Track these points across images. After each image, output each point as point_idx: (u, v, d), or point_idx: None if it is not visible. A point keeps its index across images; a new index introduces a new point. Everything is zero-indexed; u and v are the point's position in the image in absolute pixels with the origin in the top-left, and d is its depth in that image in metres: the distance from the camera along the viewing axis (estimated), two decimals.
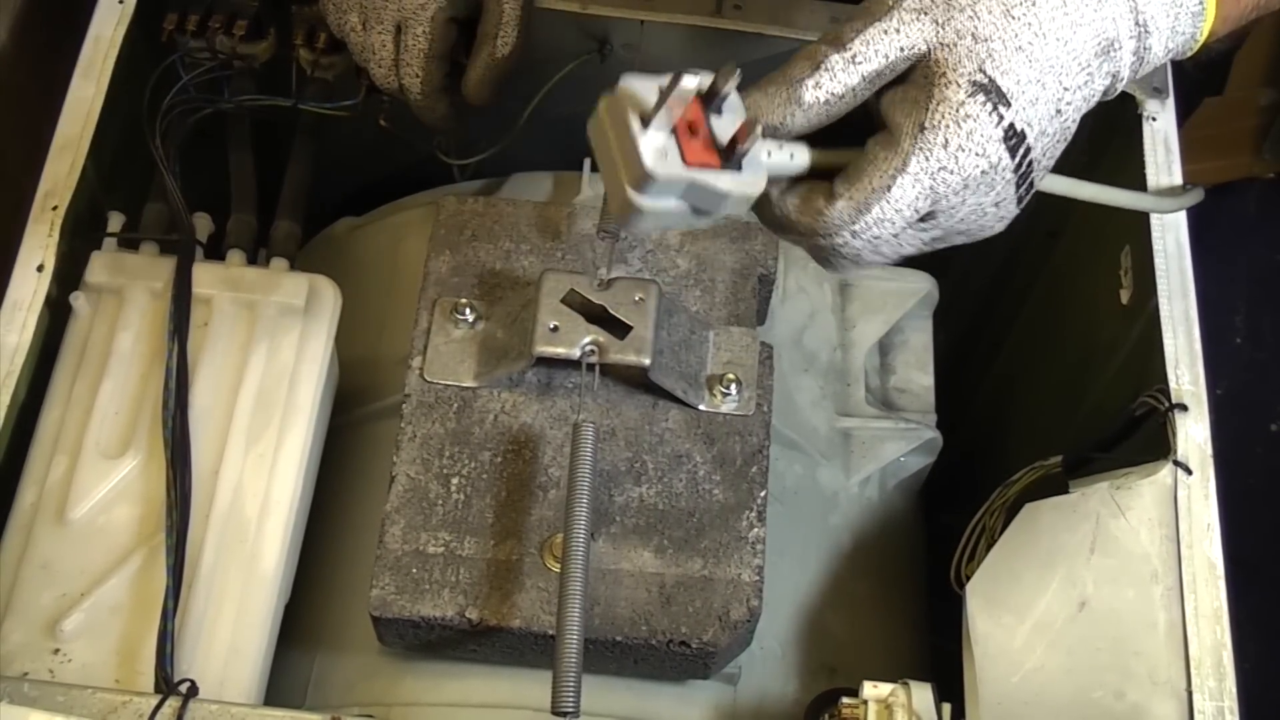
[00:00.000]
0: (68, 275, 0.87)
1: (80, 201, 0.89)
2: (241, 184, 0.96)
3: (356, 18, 0.88)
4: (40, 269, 0.86)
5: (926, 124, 0.61)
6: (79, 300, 0.87)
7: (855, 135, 0.65)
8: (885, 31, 0.61)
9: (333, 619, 0.91)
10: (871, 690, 0.77)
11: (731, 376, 0.86)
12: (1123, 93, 0.95)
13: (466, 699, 0.86)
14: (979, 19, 0.61)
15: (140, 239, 0.90)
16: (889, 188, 0.61)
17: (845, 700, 0.78)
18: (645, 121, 0.61)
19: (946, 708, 0.76)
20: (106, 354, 0.86)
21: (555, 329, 0.84)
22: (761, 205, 0.64)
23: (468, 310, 0.88)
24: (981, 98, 0.61)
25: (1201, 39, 0.67)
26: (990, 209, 0.64)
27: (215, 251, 0.92)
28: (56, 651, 0.78)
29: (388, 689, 0.87)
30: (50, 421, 0.85)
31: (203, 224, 0.92)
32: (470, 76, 0.90)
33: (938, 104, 0.61)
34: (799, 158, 0.64)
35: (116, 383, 0.85)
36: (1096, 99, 0.66)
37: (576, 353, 0.83)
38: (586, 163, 1.02)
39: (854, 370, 1.03)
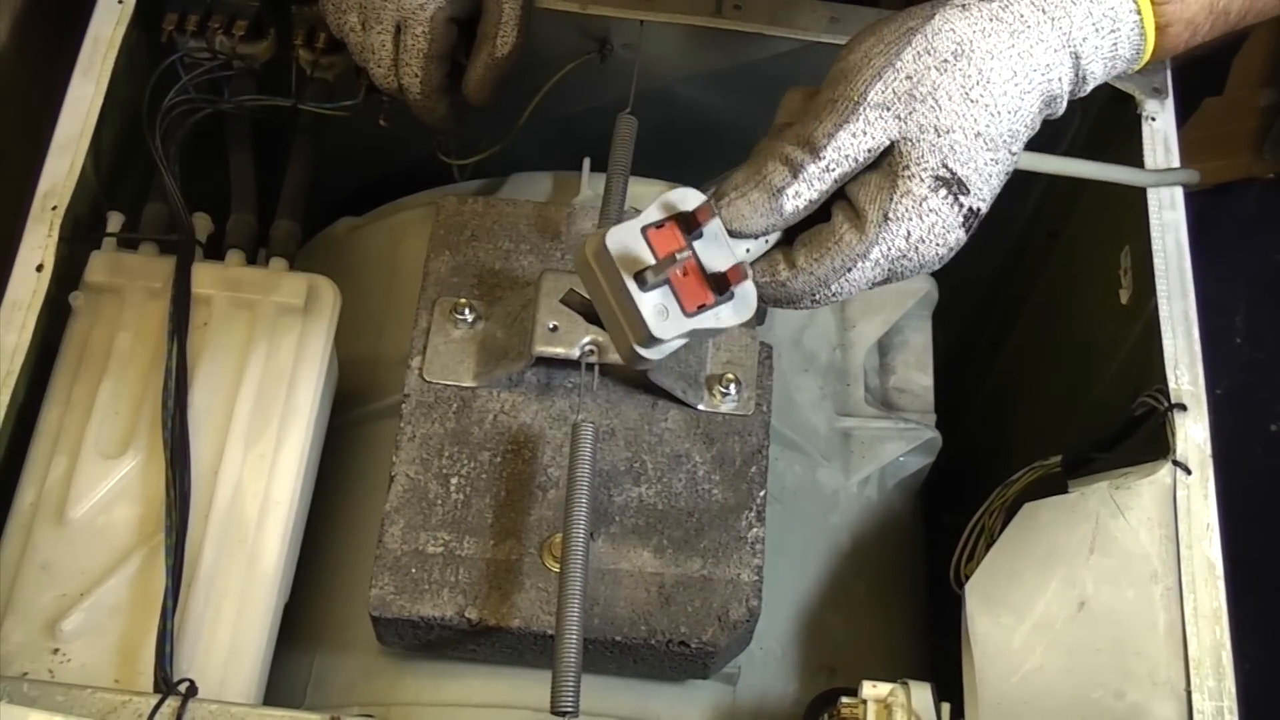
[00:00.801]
0: (67, 275, 0.87)
1: (80, 201, 0.89)
2: (241, 184, 0.96)
3: (356, 18, 0.88)
4: (39, 269, 0.86)
5: (890, 215, 0.63)
6: (78, 300, 0.87)
7: None
8: (854, 135, 0.62)
9: (333, 619, 0.91)
10: (871, 690, 0.77)
11: (731, 376, 0.86)
12: (1122, 92, 0.95)
13: (466, 699, 0.86)
14: (940, 109, 0.63)
15: (140, 239, 0.90)
16: (849, 269, 0.64)
17: (844, 700, 0.78)
18: (641, 281, 0.62)
19: (946, 708, 0.76)
20: (106, 354, 0.86)
21: (555, 329, 0.84)
22: None
23: (467, 310, 0.88)
24: (944, 192, 0.63)
25: (1130, 72, 0.69)
26: (936, 265, 0.67)
27: (215, 251, 0.92)
28: (56, 651, 0.78)
29: (388, 689, 0.87)
30: (50, 421, 0.85)
31: (202, 224, 0.92)
32: (470, 77, 0.90)
33: (902, 196, 0.63)
34: (773, 239, 0.66)
35: (116, 383, 0.85)
36: None
37: (576, 352, 0.83)
38: (586, 162, 1.02)
39: (854, 370, 1.03)
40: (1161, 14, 0.66)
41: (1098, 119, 0.99)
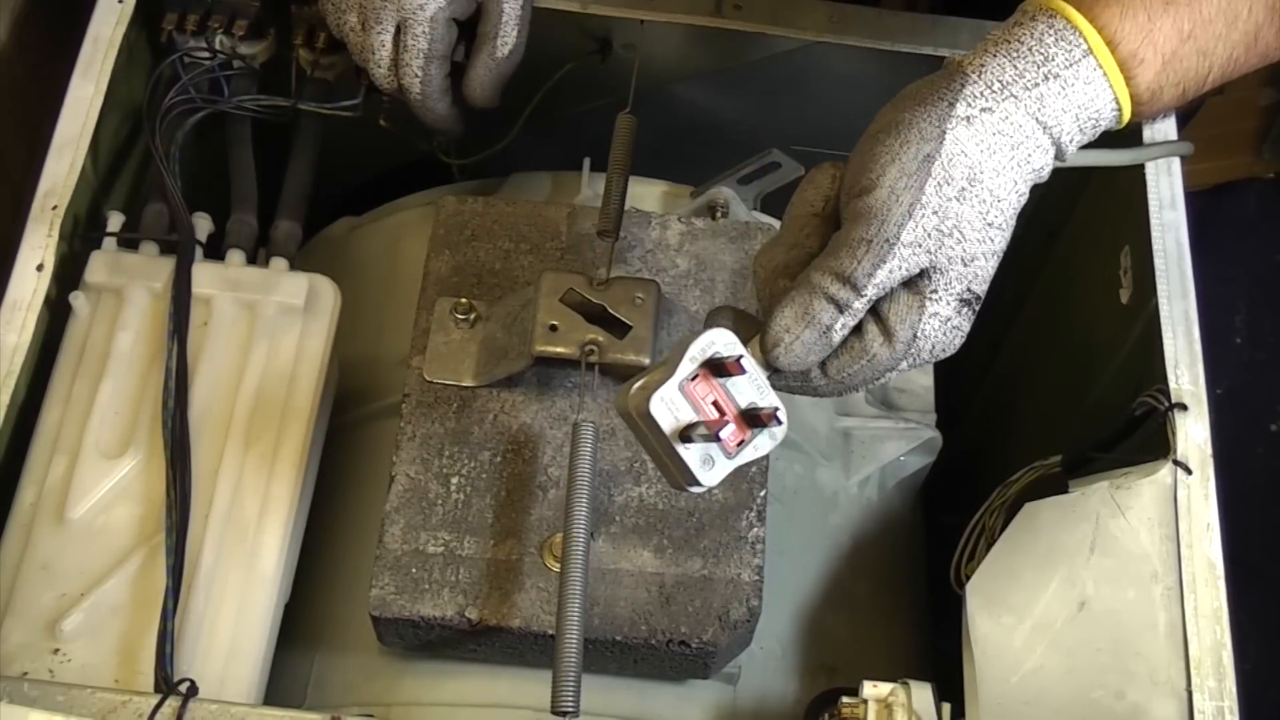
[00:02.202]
0: (67, 275, 0.87)
1: (80, 201, 0.89)
2: (241, 184, 0.96)
3: (356, 18, 0.88)
4: (40, 269, 0.86)
5: (920, 334, 0.67)
6: (78, 300, 0.87)
7: None
8: (891, 272, 0.66)
9: (333, 619, 0.91)
10: (871, 690, 0.77)
11: None
12: None
13: (466, 699, 0.86)
14: (965, 239, 0.66)
15: (140, 239, 0.90)
16: (877, 378, 0.69)
17: (845, 700, 0.78)
18: (685, 439, 0.66)
19: (946, 707, 0.76)
20: (106, 354, 0.86)
21: (554, 328, 0.84)
22: None
23: (467, 310, 0.88)
24: (966, 309, 0.68)
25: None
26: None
27: (215, 251, 0.92)
28: (56, 651, 0.78)
29: (388, 689, 0.87)
30: (50, 421, 0.85)
31: (203, 224, 0.92)
32: (471, 77, 0.90)
33: (930, 316, 0.67)
34: None
35: (116, 383, 0.85)
36: None
37: (576, 352, 0.83)
38: (586, 162, 1.02)
39: None
40: (1138, 111, 0.69)
41: None
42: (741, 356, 0.67)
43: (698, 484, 0.67)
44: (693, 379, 0.67)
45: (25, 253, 0.86)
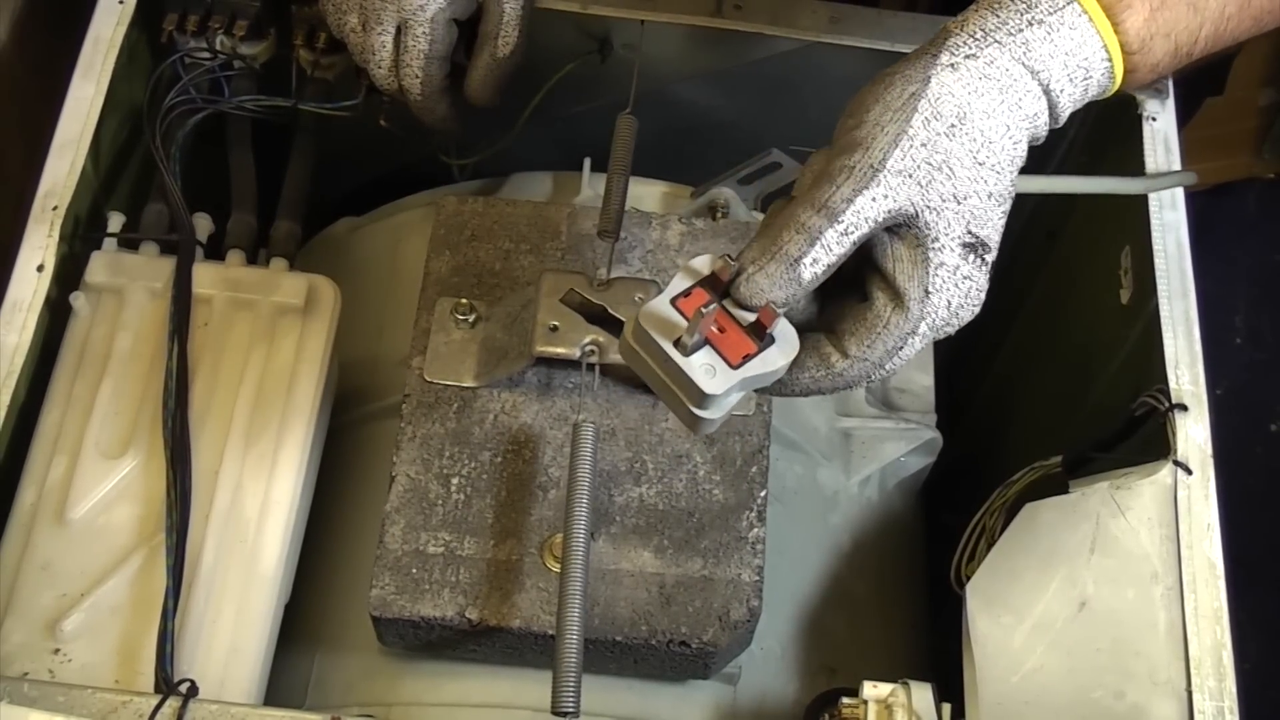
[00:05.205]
0: (68, 275, 0.88)
1: (80, 201, 0.89)
2: (241, 184, 0.96)
3: (356, 18, 0.88)
4: (40, 269, 0.86)
5: (931, 289, 0.65)
6: (79, 300, 0.87)
7: None
8: (874, 200, 0.63)
9: (333, 619, 0.91)
10: (871, 690, 0.77)
11: None
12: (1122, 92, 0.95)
13: (466, 699, 0.86)
14: (955, 175, 0.64)
15: (140, 239, 0.90)
16: (901, 349, 0.65)
17: (845, 700, 0.78)
18: (681, 347, 0.64)
19: (946, 708, 0.76)
20: (106, 354, 0.86)
21: (555, 329, 0.84)
22: None
23: (468, 310, 0.88)
24: (973, 256, 0.66)
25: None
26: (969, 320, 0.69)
27: (215, 251, 0.92)
28: (56, 651, 0.78)
29: (388, 689, 0.87)
30: (50, 421, 0.85)
31: (203, 224, 0.92)
32: (472, 77, 0.90)
33: (937, 268, 0.65)
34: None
35: (116, 383, 0.85)
36: None
37: (576, 352, 0.83)
38: (586, 162, 1.02)
39: None
40: (1130, 63, 0.68)
41: (1098, 119, 0.99)
42: (728, 262, 0.65)
43: (705, 396, 0.64)
44: (686, 295, 0.65)
45: (25, 253, 0.86)
